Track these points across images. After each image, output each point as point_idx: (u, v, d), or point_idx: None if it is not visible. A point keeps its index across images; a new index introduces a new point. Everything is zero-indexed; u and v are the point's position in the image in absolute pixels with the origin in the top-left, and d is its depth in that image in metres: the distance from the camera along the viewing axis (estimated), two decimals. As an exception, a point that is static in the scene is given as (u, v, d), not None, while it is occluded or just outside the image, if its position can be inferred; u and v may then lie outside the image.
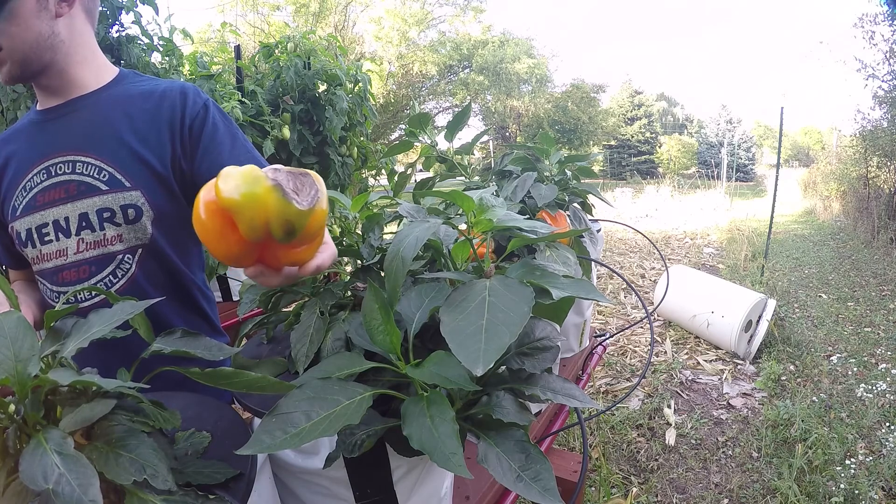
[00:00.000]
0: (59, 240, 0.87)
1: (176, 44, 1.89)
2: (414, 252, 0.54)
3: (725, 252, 6.89)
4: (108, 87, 0.90)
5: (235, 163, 0.91)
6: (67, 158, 0.86)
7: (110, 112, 0.88)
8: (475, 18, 19.99)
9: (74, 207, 0.86)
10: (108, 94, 0.90)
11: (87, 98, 0.89)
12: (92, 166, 0.86)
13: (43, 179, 0.87)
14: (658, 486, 2.25)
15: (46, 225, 0.87)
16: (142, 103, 0.90)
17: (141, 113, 0.89)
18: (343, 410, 0.45)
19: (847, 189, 8.89)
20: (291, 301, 0.72)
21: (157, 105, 0.90)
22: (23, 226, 0.88)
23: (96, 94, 0.89)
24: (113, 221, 0.86)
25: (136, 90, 0.91)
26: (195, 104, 0.91)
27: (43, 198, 0.87)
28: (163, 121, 0.89)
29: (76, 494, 0.33)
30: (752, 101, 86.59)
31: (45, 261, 0.88)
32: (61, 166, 0.86)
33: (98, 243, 0.87)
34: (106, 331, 0.46)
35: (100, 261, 0.88)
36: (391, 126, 17.22)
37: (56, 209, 0.86)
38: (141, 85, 0.93)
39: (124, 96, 0.90)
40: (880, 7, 7.22)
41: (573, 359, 1.41)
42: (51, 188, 0.86)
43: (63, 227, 0.87)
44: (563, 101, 22.44)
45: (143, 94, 0.91)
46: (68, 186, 0.86)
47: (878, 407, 2.64)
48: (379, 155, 2.59)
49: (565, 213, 1.11)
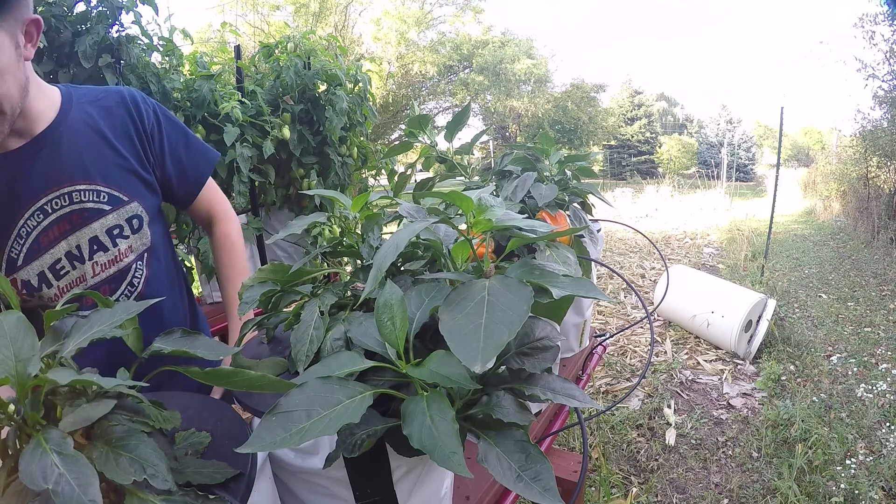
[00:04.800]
0: (76, 268, 0.89)
1: (176, 44, 1.89)
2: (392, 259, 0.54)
3: (725, 252, 6.89)
4: (64, 111, 0.88)
5: (195, 157, 1.00)
6: (63, 191, 0.86)
7: (82, 136, 0.88)
8: (474, 19, 19.97)
9: (83, 234, 0.88)
10: (70, 119, 0.88)
11: (53, 129, 0.86)
12: (89, 192, 0.88)
13: (40, 220, 0.86)
14: (658, 486, 2.25)
15: (60, 260, 0.88)
16: (104, 119, 0.91)
17: (109, 129, 0.91)
18: (343, 409, 0.45)
19: (847, 189, 8.89)
20: (291, 301, 0.72)
21: (116, 118, 0.92)
22: (31, 272, 0.86)
23: (58, 122, 0.87)
24: (122, 235, 0.91)
25: (90, 108, 0.91)
26: (147, 114, 0.95)
27: (46, 238, 0.86)
28: (128, 132, 0.92)
29: (76, 494, 0.33)
30: (752, 101, 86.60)
31: (65, 291, 0.89)
32: (57, 201, 0.86)
33: (112, 261, 0.91)
34: (106, 330, 0.46)
35: (116, 277, 0.92)
36: (391, 126, 17.22)
37: (65, 242, 0.88)
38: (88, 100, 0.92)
39: (85, 116, 0.90)
40: (880, 7, 7.23)
41: (573, 359, 1.41)
42: (52, 225, 0.86)
43: (77, 256, 0.89)
44: (563, 101, 22.43)
45: (99, 110, 0.91)
46: (72, 217, 0.87)
47: (878, 407, 2.64)
48: (379, 155, 2.59)
49: (565, 213, 1.11)
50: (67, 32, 1.68)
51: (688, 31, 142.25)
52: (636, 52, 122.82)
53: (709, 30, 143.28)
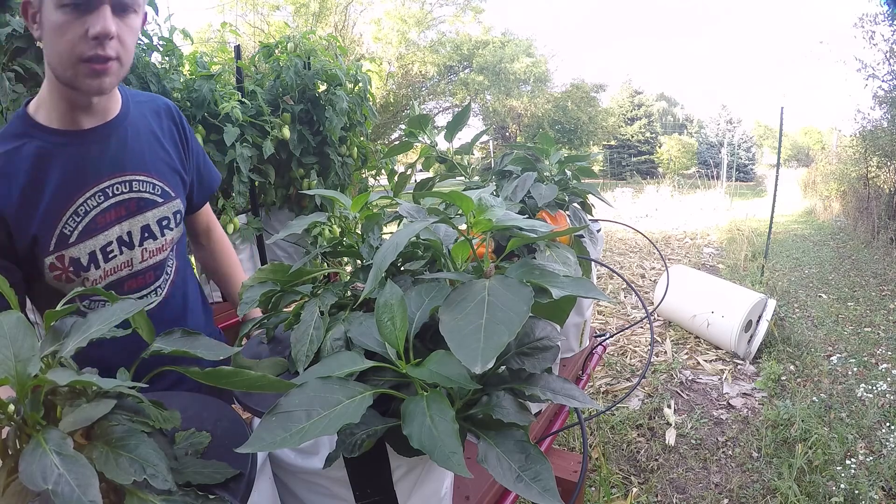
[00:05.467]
0: (124, 253, 0.94)
1: (176, 44, 1.89)
2: (392, 258, 0.54)
3: (725, 252, 6.89)
4: (126, 106, 0.97)
5: (209, 169, 1.16)
6: (124, 178, 0.93)
7: (142, 132, 0.97)
8: (474, 19, 19.96)
9: (136, 221, 0.94)
10: (132, 115, 0.97)
11: (121, 120, 0.94)
12: (147, 183, 0.96)
13: (100, 202, 0.90)
14: (658, 486, 2.25)
15: (111, 243, 0.92)
16: (155, 121, 1.00)
17: (159, 131, 1.00)
18: (343, 409, 0.45)
19: (847, 189, 8.89)
20: (291, 301, 0.72)
21: (164, 122, 1.02)
22: (83, 251, 0.89)
23: (124, 114, 0.95)
24: (168, 227, 0.99)
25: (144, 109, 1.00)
26: (184, 124, 1.06)
27: (104, 219, 0.91)
28: (172, 136, 1.03)
29: (76, 495, 0.33)
30: (752, 101, 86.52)
31: (111, 275, 0.93)
32: (118, 186, 0.92)
33: (159, 249, 0.99)
34: (104, 330, 0.46)
35: (159, 265, 1.00)
36: (391, 126, 17.21)
37: (119, 227, 0.93)
38: (141, 101, 1.01)
39: (142, 116, 0.99)
40: (880, 7, 7.23)
41: (573, 359, 1.41)
42: (111, 208, 0.92)
43: (127, 242, 0.94)
44: (563, 101, 22.42)
45: (151, 112, 1.01)
46: (128, 204, 0.93)
47: (878, 407, 2.64)
48: (379, 155, 2.59)
49: (565, 213, 1.11)
50: (67, 32, 1.68)
51: (688, 31, 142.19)
52: (636, 52, 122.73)
53: (709, 30, 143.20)
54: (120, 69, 0.84)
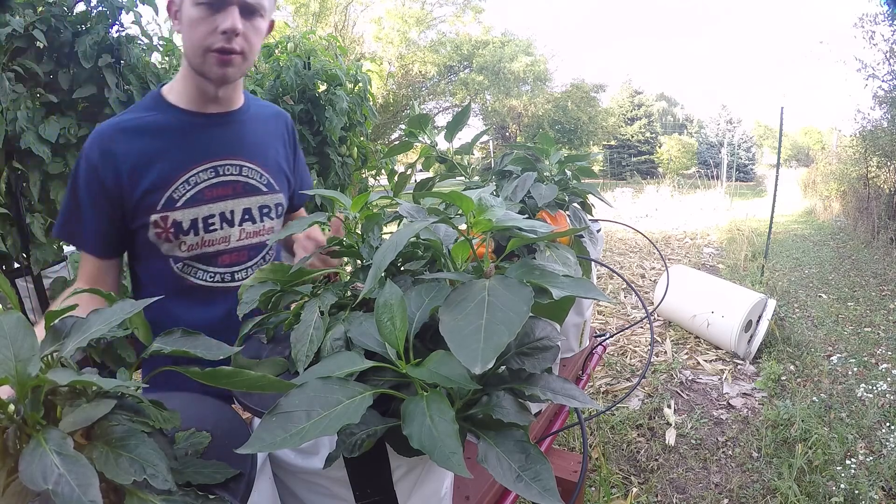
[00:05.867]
0: (223, 228, 1.03)
1: (176, 44, 1.89)
2: (392, 258, 0.54)
3: (725, 252, 6.89)
4: (247, 102, 1.09)
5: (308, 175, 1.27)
6: (236, 162, 1.04)
7: (261, 128, 1.10)
8: (474, 19, 19.96)
9: (239, 203, 1.04)
10: (252, 113, 1.09)
11: (241, 113, 1.07)
12: (255, 171, 1.06)
13: (211, 177, 1.01)
14: (658, 486, 2.25)
15: (213, 216, 1.01)
16: (270, 124, 1.13)
17: (274, 131, 1.13)
18: (343, 409, 0.45)
19: (847, 189, 8.89)
20: (291, 301, 0.72)
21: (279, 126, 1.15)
22: (186, 216, 0.99)
23: (246, 108, 1.08)
24: (269, 216, 1.08)
25: (262, 110, 1.13)
26: (293, 132, 1.19)
27: (211, 193, 1.01)
28: (284, 139, 1.15)
29: (76, 495, 0.33)
30: (752, 101, 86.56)
31: (207, 246, 1.02)
32: (229, 168, 1.03)
33: (256, 233, 1.07)
34: (105, 330, 0.46)
35: (255, 247, 1.08)
36: (391, 126, 17.20)
37: (223, 203, 1.02)
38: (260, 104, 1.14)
39: (262, 116, 1.11)
40: (880, 7, 7.23)
41: (573, 359, 1.41)
42: (219, 185, 1.02)
43: (228, 219, 1.03)
44: (563, 101, 22.41)
45: (271, 115, 1.14)
46: (235, 186, 1.04)
47: (878, 407, 2.64)
48: (379, 155, 2.59)
49: (565, 213, 1.11)
50: (67, 32, 1.68)
51: (688, 31, 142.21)
52: (636, 52, 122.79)
53: (709, 30, 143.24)
54: (243, 63, 0.96)
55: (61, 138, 1.72)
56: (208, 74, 0.95)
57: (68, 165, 1.76)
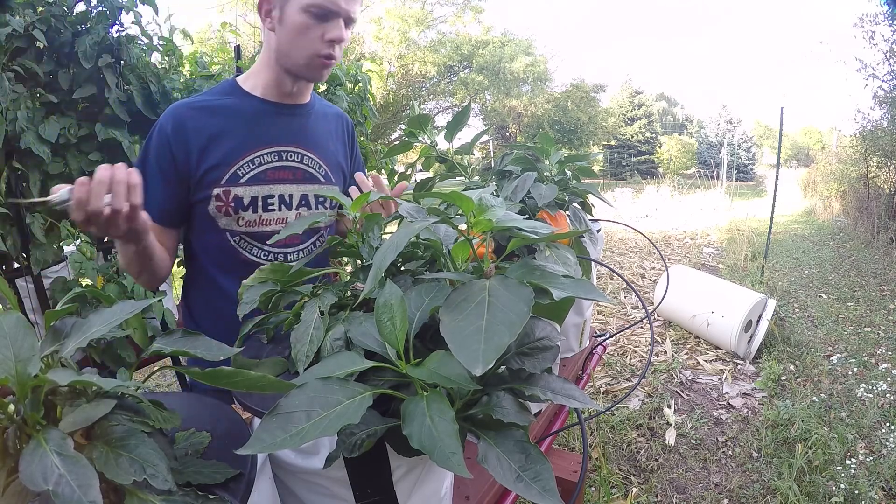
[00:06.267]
0: (281, 210, 1.08)
1: (176, 44, 1.89)
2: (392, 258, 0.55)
3: (725, 252, 6.89)
4: (313, 99, 1.17)
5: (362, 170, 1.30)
6: (298, 150, 1.10)
7: (323, 124, 1.17)
8: (475, 19, 19.94)
9: (298, 188, 1.10)
10: (318, 109, 1.17)
11: (308, 107, 1.14)
12: (315, 162, 1.13)
13: (274, 160, 1.07)
14: (658, 486, 2.25)
15: (272, 197, 1.07)
16: (334, 122, 1.20)
17: (335, 129, 1.20)
18: (343, 410, 0.45)
19: (847, 189, 8.89)
20: (291, 301, 0.72)
21: (341, 126, 1.22)
22: (247, 193, 1.05)
23: (313, 104, 1.16)
24: (324, 205, 1.14)
25: (326, 109, 1.20)
26: (352, 132, 1.27)
27: (273, 175, 1.07)
28: (343, 139, 1.22)
29: (76, 495, 0.33)
30: (752, 101, 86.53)
31: (263, 225, 1.07)
32: (292, 154, 1.09)
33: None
34: (105, 330, 0.46)
35: (308, 232, 1.14)
36: (391, 126, 17.19)
37: (283, 186, 1.08)
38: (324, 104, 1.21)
39: (325, 114, 1.19)
40: (880, 7, 7.23)
41: (573, 359, 1.41)
42: (281, 169, 1.08)
43: (286, 202, 1.09)
44: (563, 101, 22.41)
45: (333, 115, 1.21)
46: (296, 172, 1.10)
47: (878, 407, 2.64)
48: (379, 155, 2.59)
49: (565, 213, 1.11)
50: (67, 32, 1.68)
51: (688, 31, 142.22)
52: (636, 52, 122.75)
53: (709, 30, 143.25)
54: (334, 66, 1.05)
55: (61, 138, 1.72)
56: (307, 76, 1.05)
57: (68, 165, 1.76)
